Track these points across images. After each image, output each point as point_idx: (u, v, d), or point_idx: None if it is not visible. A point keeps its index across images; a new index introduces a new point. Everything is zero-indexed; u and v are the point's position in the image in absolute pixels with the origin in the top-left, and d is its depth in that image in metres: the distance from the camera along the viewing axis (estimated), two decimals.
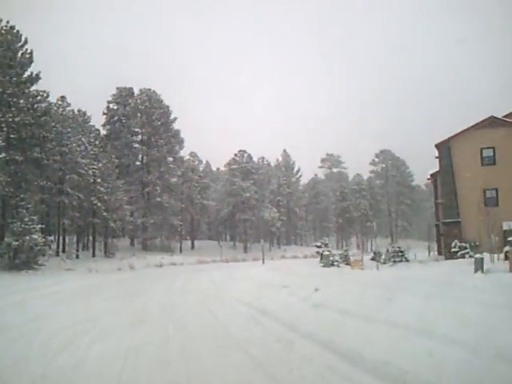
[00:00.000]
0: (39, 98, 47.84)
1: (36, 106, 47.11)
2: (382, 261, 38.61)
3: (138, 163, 77.01)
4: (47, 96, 48.89)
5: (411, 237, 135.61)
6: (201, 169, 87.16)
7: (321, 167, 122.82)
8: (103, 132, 74.14)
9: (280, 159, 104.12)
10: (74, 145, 53.47)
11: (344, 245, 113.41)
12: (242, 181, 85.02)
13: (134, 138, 77.01)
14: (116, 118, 76.49)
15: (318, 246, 46.62)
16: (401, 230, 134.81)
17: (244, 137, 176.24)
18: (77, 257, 55.30)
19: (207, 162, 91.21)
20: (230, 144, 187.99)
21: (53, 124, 50.01)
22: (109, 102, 77.46)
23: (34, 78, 47.78)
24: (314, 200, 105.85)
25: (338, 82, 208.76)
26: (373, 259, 40.50)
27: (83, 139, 56.79)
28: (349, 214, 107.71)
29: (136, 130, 76.88)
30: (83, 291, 26.58)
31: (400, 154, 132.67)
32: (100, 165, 57.16)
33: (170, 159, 77.99)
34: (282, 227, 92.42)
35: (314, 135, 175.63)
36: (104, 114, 76.68)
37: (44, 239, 42.89)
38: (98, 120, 73.06)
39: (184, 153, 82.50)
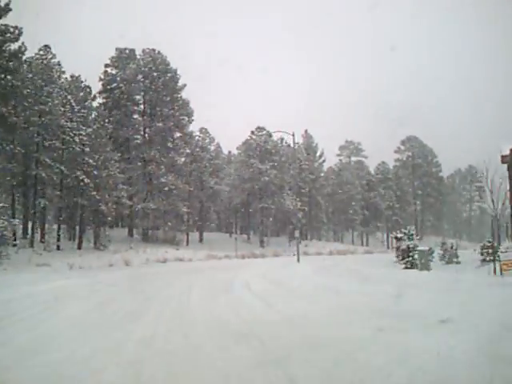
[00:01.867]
0: (8, 35, 35.81)
1: (3, 45, 35.10)
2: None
3: (138, 138, 64.15)
4: (19, 34, 36.74)
5: (438, 233, 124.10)
6: (212, 148, 74.00)
7: (339, 155, 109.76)
8: (99, 101, 61.97)
9: (301, 140, 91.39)
10: (57, 102, 41.01)
11: (366, 240, 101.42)
12: (260, 163, 72.46)
13: (135, 107, 64.29)
14: (114, 84, 63.86)
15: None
16: (427, 226, 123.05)
17: (259, 119, 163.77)
18: (58, 248, 43.15)
19: (218, 144, 77.81)
20: (242, 126, 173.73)
21: (30, 75, 37.93)
22: (106, 66, 64.86)
23: (2, 9, 35.70)
24: (338, 189, 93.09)
25: (361, 64, 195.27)
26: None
27: (69, 97, 44.16)
28: (375, 206, 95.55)
29: (137, 97, 64.30)
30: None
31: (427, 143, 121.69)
32: (90, 130, 44.67)
33: (177, 134, 65.34)
34: (303, 219, 79.79)
35: (334, 121, 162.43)
36: (100, 79, 64.15)
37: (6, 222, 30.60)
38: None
39: (193, 128, 69.70)
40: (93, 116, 49.07)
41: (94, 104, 54.96)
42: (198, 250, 56.43)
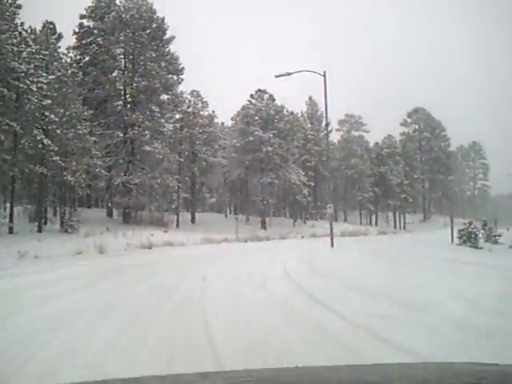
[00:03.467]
0: None
1: None
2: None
3: (118, 98, 53.41)
4: None
5: (447, 213, 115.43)
6: (205, 114, 63.25)
7: (338, 130, 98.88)
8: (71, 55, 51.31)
9: (305, 109, 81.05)
10: (5, 36, 30.60)
11: (376, 220, 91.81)
12: (262, 131, 62.26)
13: (114, 63, 53.54)
14: (91, 38, 53.22)
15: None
16: (435, 204, 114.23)
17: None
18: (10, 231, 32.95)
19: (212, 111, 66.56)
20: (238, 97, 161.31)
21: None
22: (81, 17, 54.18)
23: None
24: (345, 163, 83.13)
25: (365, 32, 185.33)
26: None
27: (25, 34, 33.64)
28: (386, 182, 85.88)
29: (117, 51, 53.60)
30: None
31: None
32: (52, 77, 34.27)
33: (165, 97, 54.91)
34: (309, 196, 69.84)
35: (334, 93, 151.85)
36: (74, 33, 53.72)
37: None
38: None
39: (183, 89, 59.21)
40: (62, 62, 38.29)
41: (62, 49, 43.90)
42: (191, 233, 46.44)
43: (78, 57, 53.02)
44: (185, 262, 24.89)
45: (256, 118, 63.34)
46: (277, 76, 30.29)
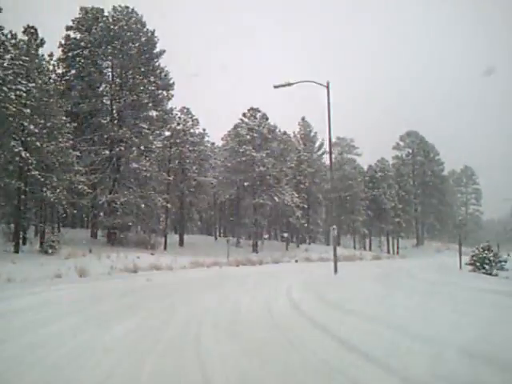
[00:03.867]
0: None
1: None
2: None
3: (104, 113, 50.63)
4: None
5: (439, 238, 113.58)
6: (196, 132, 60.41)
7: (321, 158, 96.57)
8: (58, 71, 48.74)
9: (297, 129, 78.57)
10: None
11: (369, 244, 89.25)
12: (255, 150, 59.76)
13: (102, 76, 50.81)
14: (78, 50, 50.55)
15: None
16: (428, 229, 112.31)
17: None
18: None
19: (203, 131, 63.39)
20: (228, 118, 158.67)
21: None
22: (68, 29, 51.37)
23: None
24: (338, 185, 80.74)
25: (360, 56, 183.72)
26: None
27: (2, 37, 31.06)
28: (380, 206, 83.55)
29: (104, 64, 51.07)
30: None
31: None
32: (33, 85, 31.67)
33: (154, 113, 52.31)
34: (301, 218, 67.24)
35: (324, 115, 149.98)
36: (60, 45, 50.83)
37: None
38: None
39: (173, 106, 56.63)
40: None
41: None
42: (179, 256, 43.75)
43: (64, 70, 50.30)
44: (173, 290, 22.25)
45: (248, 137, 60.86)
46: (276, 87, 27.83)
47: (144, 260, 37.67)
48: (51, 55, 35.57)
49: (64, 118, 35.03)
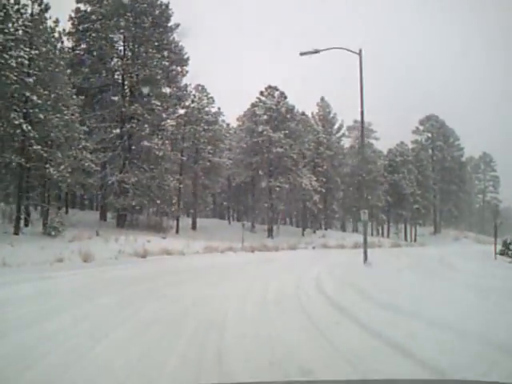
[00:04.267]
0: None
1: None
2: None
3: (115, 88, 48.02)
4: None
5: (455, 226, 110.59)
6: (212, 110, 57.79)
7: (347, 137, 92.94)
8: (68, 44, 46.36)
9: (316, 110, 75.64)
10: None
11: (388, 231, 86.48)
12: (272, 130, 57.12)
13: (113, 50, 48.15)
14: (88, 24, 47.93)
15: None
16: (446, 217, 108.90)
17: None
18: None
19: (218, 109, 60.94)
20: (243, 99, 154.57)
21: None
22: (78, 1, 48.66)
23: None
24: (357, 169, 77.91)
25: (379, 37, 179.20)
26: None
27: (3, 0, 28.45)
28: (399, 191, 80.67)
29: (116, 37, 48.40)
30: None
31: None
32: (36, 53, 29.16)
33: (167, 90, 49.75)
34: (319, 203, 64.58)
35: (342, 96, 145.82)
36: (70, 18, 48.09)
37: None
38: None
39: (187, 83, 53.87)
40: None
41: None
42: (192, 240, 41.39)
43: (74, 43, 47.91)
44: (184, 278, 19.82)
45: (265, 116, 58.20)
46: (302, 54, 25.27)
47: (155, 244, 35.33)
48: (57, 21, 32.68)
49: (70, 89, 32.30)
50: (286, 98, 59.49)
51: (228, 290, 15.76)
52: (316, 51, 25.19)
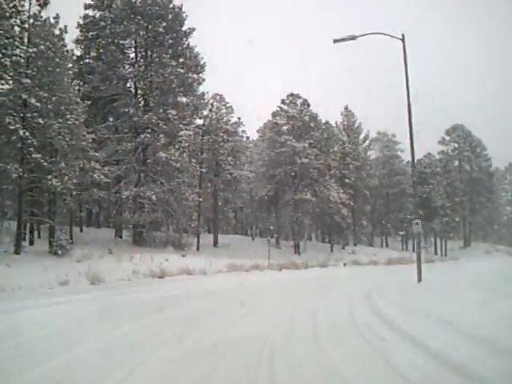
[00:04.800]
0: None
1: None
2: None
3: (128, 97, 44.77)
4: None
5: (483, 239, 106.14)
6: (231, 120, 54.40)
7: (371, 149, 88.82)
8: (77, 52, 44.03)
9: (340, 120, 72.01)
10: None
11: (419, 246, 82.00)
12: (295, 140, 53.68)
13: (125, 56, 45.20)
14: (97, 31, 45.04)
15: None
16: (475, 230, 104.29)
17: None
18: None
19: (238, 119, 57.42)
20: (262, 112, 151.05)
21: None
22: (86, 8, 45.77)
23: None
24: (385, 181, 74.29)
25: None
26: None
27: None
28: (429, 204, 76.57)
29: (127, 43, 45.38)
30: None
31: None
32: (33, 51, 26.00)
33: (183, 99, 46.48)
34: (347, 217, 60.74)
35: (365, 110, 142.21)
36: (79, 25, 45.17)
37: None
38: None
39: (204, 91, 50.35)
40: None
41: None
42: (214, 258, 37.96)
43: (83, 51, 45.22)
44: (208, 306, 16.32)
45: (288, 125, 54.84)
46: (336, 41, 21.78)
47: (173, 263, 31.95)
48: (57, 17, 29.43)
49: (73, 91, 29.07)
50: (309, 105, 56.10)
51: (267, 323, 12.32)
52: (352, 37, 21.73)
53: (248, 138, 67.12)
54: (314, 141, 54.81)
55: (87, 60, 45.17)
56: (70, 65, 30.48)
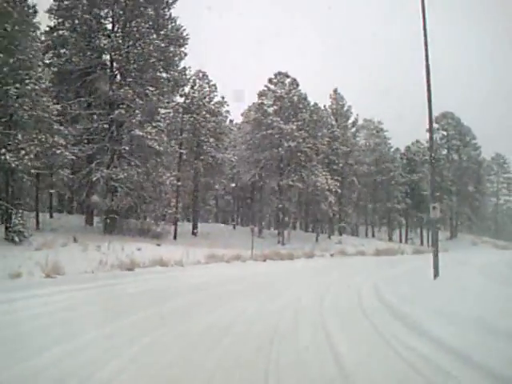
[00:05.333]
0: None
1: None
2: None
3: (102, 70, 41.04)
4: None
5: (469, 230, 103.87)
6: (214, 99, 50.76)
7: (358, 136, 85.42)
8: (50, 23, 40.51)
9: (329, 103, 68.58)
10: None
11: (406, 237, 79.60)
12: (283, 122, 50.42)
13: (100, 26, 41.39)
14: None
15: None
16: (462, 221, 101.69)
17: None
18: None
19: (222, 99, 53.58)
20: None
21: None
22: None
23: None
24: (374, 168, 71.24)
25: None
26: None
27: None
28: (419, 193, 74.05)
29: (104, 12, 41.61)
30: None
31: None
32: None
33: (163, 75, 42.86)
34: (335, 205, 57.36)
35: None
36: None
37: None
38: None
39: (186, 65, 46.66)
40: None
41: None
42: (193, 247, 34.52)
43: (57, 21, 41.37)
44: (178, 308, 13.05)
45: (275, 106, 51.54)
46: None
47: (147, 253, 28.48)
48: None
49: (35, 50, 25.40)
50: (298, 85, 52.80)
51: (259, 337, 9.04)
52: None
53: (232, 121, 63.72)
54: (302, 123, 51.53)
55: (61, 32, 41.33)
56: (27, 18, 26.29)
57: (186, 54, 44.18)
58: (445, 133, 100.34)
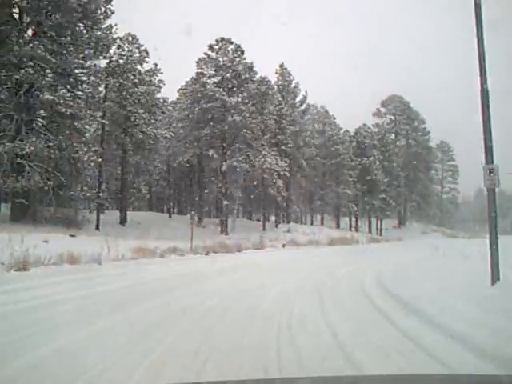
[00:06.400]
0: None
1: None
2: None
3: (8, 22, 33.64)
4: None
5: (417, 218, 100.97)
6: (144, 67, 43.83)
7: (303, 117, 79.11)
8: None
9: (274, 79, 61.91)
10: None
11: (356, 225, 74.50)
12: (227, 94, 43.97)
13: None
14: None
15: None
16: (412, 208, 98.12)
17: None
18: None
19: (155, 66, 46.21)
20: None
21: None
22: None
23: None
24: (323, 151, 65.57)
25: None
26: None
27: None
28: (372, 178, 69.05)
29: None
30: None
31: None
32: None
33: (84, 33, 35.65)
34: (283, 190, 51.07)
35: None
36: None
37: None
38: None
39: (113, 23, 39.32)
40: None
41: None
42: (118, 239, 27.68)
43: None
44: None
45: (217, 77, 45.04)
46: None
47: (54, 246, 21.37)
48: None
49: None
50: (242, 53, 46.23)
51: None
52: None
53: (166, 100, 56.38)
54: (248, 95, 45.15)
55: None
56: None
57: (113, 12, 37.29)
58: (392, 117, 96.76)
